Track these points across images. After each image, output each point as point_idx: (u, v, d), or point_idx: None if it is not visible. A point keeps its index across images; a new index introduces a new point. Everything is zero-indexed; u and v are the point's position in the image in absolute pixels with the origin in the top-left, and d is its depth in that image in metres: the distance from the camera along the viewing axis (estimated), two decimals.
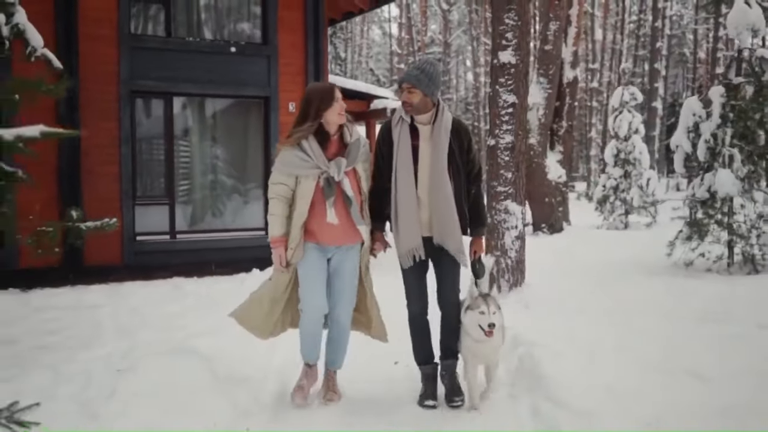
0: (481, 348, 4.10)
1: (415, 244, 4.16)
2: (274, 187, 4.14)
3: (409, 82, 4.08)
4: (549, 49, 13.73)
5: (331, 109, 4.07)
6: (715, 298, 7.23)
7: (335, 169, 4.07)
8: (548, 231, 14.29)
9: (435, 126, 4.13)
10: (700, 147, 9.55)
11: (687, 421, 3.65)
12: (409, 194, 4.11)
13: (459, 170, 4.16)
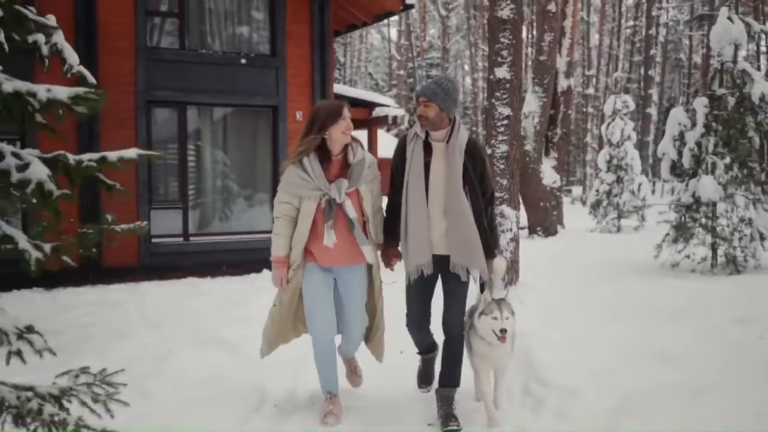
0: (492, 352, 4.05)
1: (423, 261, 4.07)
2: (280, 206, 4.11)
3: (425, 96, 4.03)
4: (544, 59, 14.30)
5: (336, 126, 4.01)
6: (695, 296, 7.76)
7: (336, 190, 4.00)
8: (543, 234, 14.82)
9: (449, 144, 4.04)
10: (685, 155, 10.13)
11: (654, 397, 4.21)
12: (420, 210, 4.04)
13: (475, 189, 4.06)
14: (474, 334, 4.11)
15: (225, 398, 4.26)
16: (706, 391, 4.32)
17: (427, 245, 4.06)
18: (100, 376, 2.60)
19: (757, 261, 9.78)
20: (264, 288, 8.00)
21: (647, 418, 3.88)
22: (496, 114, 7.41)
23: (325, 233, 3.99)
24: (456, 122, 4.13)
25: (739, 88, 9.83)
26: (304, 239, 4.05)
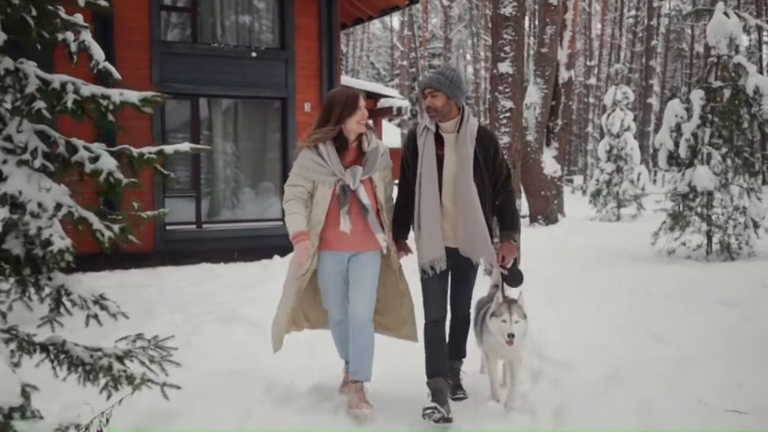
0: (502, 349, 4.02)
1: (437, 255, 4.04)
2: (292, 189, 4.08)
3: (431, 86, 4.00)
4: (545, 51, 14.63)
5: (353, 117, 4.00)
6: (688, 281, 8.14)
7: (350, 177, 4.01)
8: (544, 222, 15.19)
9: (460, 134, 4.01)
10: (681, 145, 10.45)
11: (642, 368, 4.60)
12: (433, 204, 4.00)
13: (483, 180, 4.03)
14: (485, 328, 4.10)
15: (251, 370, 4.64)
16: (692, 363, 4.71)
17: (440, 241, 4.02)
18: (153, 341, 2.98)
19: (751, 248, 10.13)
20: (276, 273, 8.41)
21: (635, 385, 4.26)
22: (499, 107, 7.77)
23: (341, 219, 4.00)
24: (465, 111, 4.08)
25: (734, 81, 10.15)
26: (320, 224, 4.04)
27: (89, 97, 2.54)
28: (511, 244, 4.11)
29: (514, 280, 4.15)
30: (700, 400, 4.03)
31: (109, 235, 2.78)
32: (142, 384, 2.71)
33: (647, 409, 3.89)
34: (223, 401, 4.05)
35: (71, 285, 2.66)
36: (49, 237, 2.48)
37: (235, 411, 3.92)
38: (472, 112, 42.23)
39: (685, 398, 4.07)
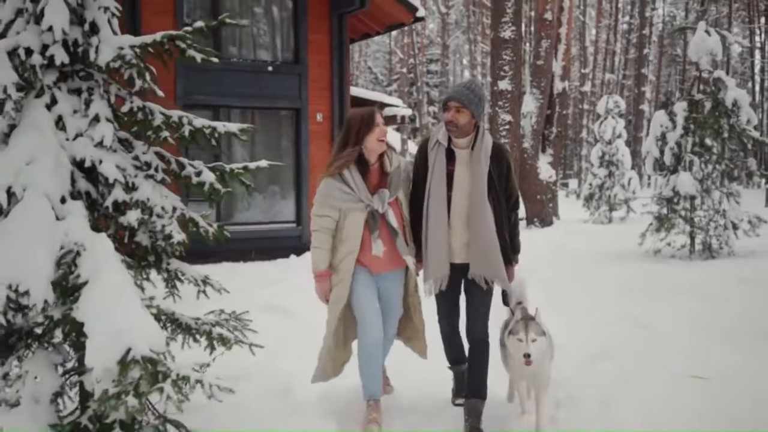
0: (525, 369, 3.82)
1: (441, 274, 4.00)
2: (319, 220, 4.05)
3: (460, 101, 3.84)
4: (541, 64, 15.47)
5: (372, 134, 3.97)
6: (672, 278, 8.97)
7: (379, 202, 3.98)
8: (540, 225, 16.02)
9: (474, 151, 3.91)
10: (666, 153, 11.32)
11: (624, 348, 5.45)
12: (440, 222, 3.94)
13: (499, 197, 3.95)
14: (506, 349, 4.02)
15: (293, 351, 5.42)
16: (666, 343, 5.57)
17: (445, 259, 3.98)
18: (233, 315, 3.82)
19: (730, 248, 10.98)
20: (294, 270, 9.22)
21: (617, 360, 5.11)
22: (499, 120, 8.63)
23: (373, 244, 4.00)
24: (481, 128, 3.98)
25: (714, 95, 11.02)
26: (356, 250, 4.03)
27: (200, 128, 3.37)
28: (512, 267, 4.15)
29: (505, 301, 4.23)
30: (670, 369, 4.87)
31: (212, 231, 3.61)
32: (235, 344, 3.54)
33: (626, 378, 4.73)
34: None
35: (184, 268, 3.51)
36: (170, 232, 3.31)
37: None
38: None
39: (658, 368, 4.92)
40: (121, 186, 3.20)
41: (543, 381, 3.93)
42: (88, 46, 3.21)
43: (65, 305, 2.99)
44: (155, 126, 3.29)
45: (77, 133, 3.18)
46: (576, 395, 4.43)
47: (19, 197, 2.97)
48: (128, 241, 3.32)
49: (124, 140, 3.37)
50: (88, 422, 3.20)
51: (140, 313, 2.88)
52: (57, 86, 3.21)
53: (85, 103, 3.24)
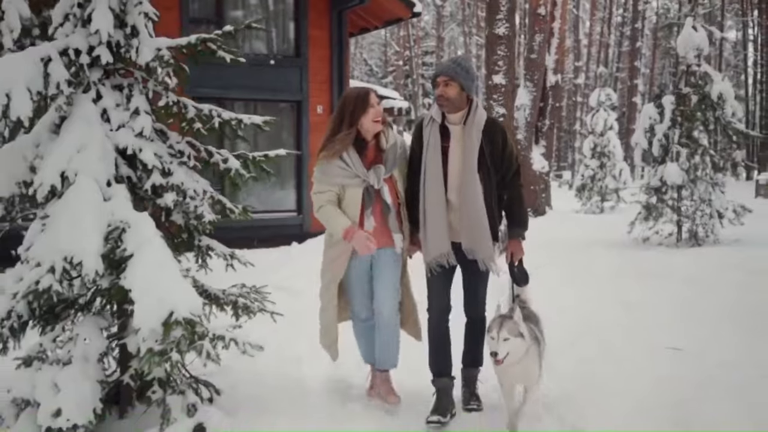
0: (510, 369, 3.69)
1: (444, 250, 3.93)
2: (321, 196, 4.05)
3: (447, 74, 3.85)
4: (534, 57, 15.93)
5: (366, 115, 3.96)
6: (658, 263, 9.42)
7: (374, 177, 3.99)
8: (533, 214, 16.45)
9: (466, 126, 3.88)
10: (654, 144, 11.75)
11: (607, 324, 5.90)
12: (438, 198, 3.91)
13: (489, 173, 3.88)
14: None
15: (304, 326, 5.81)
16: (647, 320, 6.03)
17: (446, 235, 3.92)
18: (254, 288, 4.24)
19: (716, 236, 11.42)
20: (298, 257, 9.64)
21: (600, 334, 5.56)
22: (493, 112, 9.06)
23: (366, 219, 4.02)
24: (474, 102, 3.95)
25: (700, 88, 11.46)
26: (355, 226, 4.00)
27: (228, 120, 3.79)
28: (519, 242, 4.05)
29: (522, 280, 4.07)
30: (649, 342, 5.32)
31: (238, 211, 4.04)
32: (259, 312, 3.97)
33: (606, 348, 5.19)
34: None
35: (213, 245, 3.94)
36: (201, 212, 3.74)
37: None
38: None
39: (638, 341, 5.37)
40: (159, 171, 3.62)
41: (529, 381, 3.79)
42: (129, 47, 3.62)
43: (112, 276, 3.41)
44: (188, 118, 3.71)
45: (120, 124, 3.60)
46: (559, 365, 4.84)
47: (72, 181, 3.38)
48: (165, 221, 3.73)
49: (160, 131, 3.78)
50: (130, 380, 3.63)
51: (180, 282, 3.30)
52: (102, 83, 3.63)
53: (126, 97, 3.65)
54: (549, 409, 3.99)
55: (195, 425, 3.43)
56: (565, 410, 3.94)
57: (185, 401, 3.53)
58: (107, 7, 3.52)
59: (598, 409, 3.93)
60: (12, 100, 3.28)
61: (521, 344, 3.61)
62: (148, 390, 3.61)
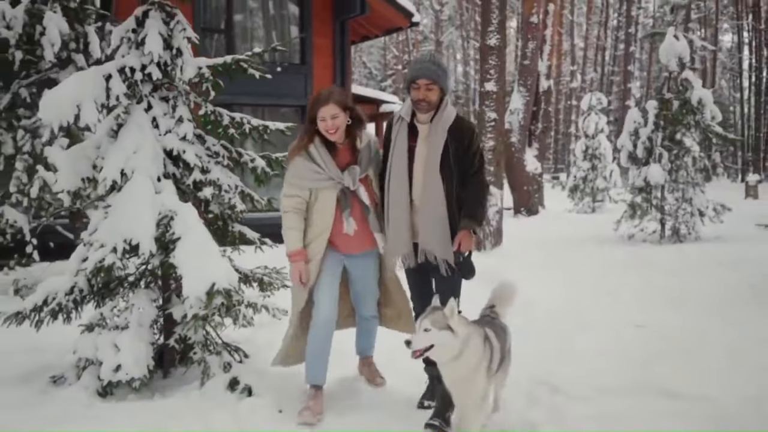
0: (444, 371, 3.50)
1: (403, 251, 3.92)
2: (289, 200, 3.99)
3: (430, 78, 3.76)
4: (527, 63, 16.67)
5: (318, 118, 3.88)
6: (640, 258, 10.14)
7: (349, 179, 3.91)
8: (526, 214, 17.20)
9: (433, 124, 3.83)
10: (639, 147, 12.49)
11: (586, 306, 6.63)
12: (401, 199, 3.85)
13: (452, 173, 3.80)
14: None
15: None
16: (621, 305, 6.75)
17: (408, 236, 3.88)
18: (274, 269, 4.97)
19: (697, 233, 12.14)
20: None
21: (577, 313, 6.29)
22: (486, 117, 9.81)
23: (345, 222, 3.94)
24: (444, 101, 3.90)
25: (681, 94, 12.20)
26: (328, 231, 3.96)
27: (256, 126, 4.53)
28: (470, 234, 3.80)
29: (468, 272, 3.84)
30: (620, 320, 6.05)
31: (264, 203, 4.78)
32: (281, 287, 4.71)
33: (582, 324, 5.92)
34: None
35: (245, 230, 4.69)
36: (234, 203, 4.48)
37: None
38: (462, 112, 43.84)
39: (611, 320, 6.09)
40: (199, 169, 4.35)
41: (468, 399, 3.48)
42: (174, 66, 4.34)
43: (162, 255, 4.14)
44: (224, 125, 4.44)
45: (167, 130, 4.32)
46: (540, 340, 5.56)
47: (129, 177, 4.11)
48: (204, 211, 4.46)
49: (199, 135, 4.52)
50: (175, 343, 4.35)
51: (219, 260, 4.03)
52: (152, 95, 4.36)
53: (171, 107, 4.38)
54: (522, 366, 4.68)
55: (230, 379, 4.15)
56: (538, 368, 4.63)
57: (221, 360, 4.26)
58: (157, 33, 4.25)
59: (568, 368, 4.65)
60: (82, 110, 4.01)
61: (449, 339, 3.32)
62: (189, 352, 4.34)
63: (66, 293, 4.31)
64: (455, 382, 3.49)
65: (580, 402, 4.07)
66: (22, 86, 7.34)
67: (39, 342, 4.92)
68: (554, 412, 3.95)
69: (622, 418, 3.79)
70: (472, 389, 3.45)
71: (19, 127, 7.25)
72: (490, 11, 9.67)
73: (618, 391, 4.19)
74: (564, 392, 4.24)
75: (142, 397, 4.19)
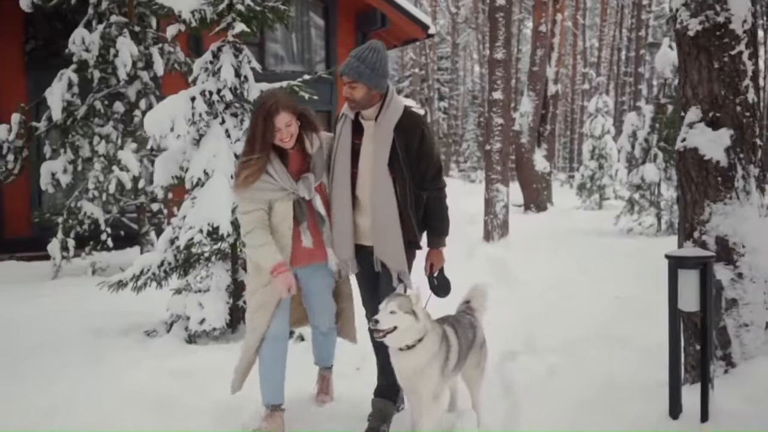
0: (400, 361, 3.44)
1: (345, 256, 3.70)
2: (249, 217, 3.64)
3: (349, 76, 3.51)
4: (536, 69, 17.87)
5: (275, 137, 3.57)
6: (635, 248, 11.23)
7: (304, 188, 3.67)
8: (535, 210, 18.33)
9: (377, 122, 3.58)
10: (636, 148, 13.66)
11: (573, 285, 7.80)
12: (343, 200, 3.65)
13: (403, 172, 3.57)
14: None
15: None
16: (605, 282, 7.92)
17: (349, 241, 3.68)
18: None
19: None
20: None
21: (563, 290, 7.48)
22: (493, 123, 11.05)
23: (303, 236, 3.70)
24: (387, 96, 3.62)
25: (676, 98, 13.32)
26: (290, 245, 3.71)
27: None
28: (440, 252, 3.77)
29: (442, 290, 3.79)
30: (601, 293, 7.23)
31: None
32: None
33: (566, 296, 7.12)
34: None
35: None
36: None
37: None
38: (479, 112, 44.81)
39: (593, 293, 7.28)
40: None
41: (423, 388, 3.43)
42: (243, 89, 5.62)
43: (235, 235, 5.41)
44: None
45: (236, 139, 5.60)
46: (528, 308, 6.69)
47: (210, 175, 5.38)
48: None
49: None
50: (243, 304, 5.62)
51: None
52: (225, 112, 5.63)
53: (240, 121, 5.65)
54: (516, 330, 5.89)
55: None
56: (523, 328, 5.85)
57: None
58: (230, 64, 5.53)
59: (546, 326, 5.87)
60: (175, 124, 5.30)
61: (412, 324, 3.33)
62: None
63: (158, 265, 5.61)
64: (408, 376, 3.45)
65: (550, 349, 5.26)
66: (96, 99, 8.65)
67: (126, 307, 6.26)
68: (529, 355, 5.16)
69: (581, 356, 5.00)
70: (424, 384, 3.40)
71: (94, 134, 8.57)
72: (497, 28, 10.91)
73: (583, 340, 5.40)
74: (540, 343, 5.46)
75: (218, 344, 5.48)
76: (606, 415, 3.71)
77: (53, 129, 8.70)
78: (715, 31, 3.72)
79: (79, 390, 4.35)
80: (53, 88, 8.45)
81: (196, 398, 4.22)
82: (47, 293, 7.48)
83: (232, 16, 5.63)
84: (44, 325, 6.12)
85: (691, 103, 3.88)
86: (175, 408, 4.09)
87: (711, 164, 3.79)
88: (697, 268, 3.45)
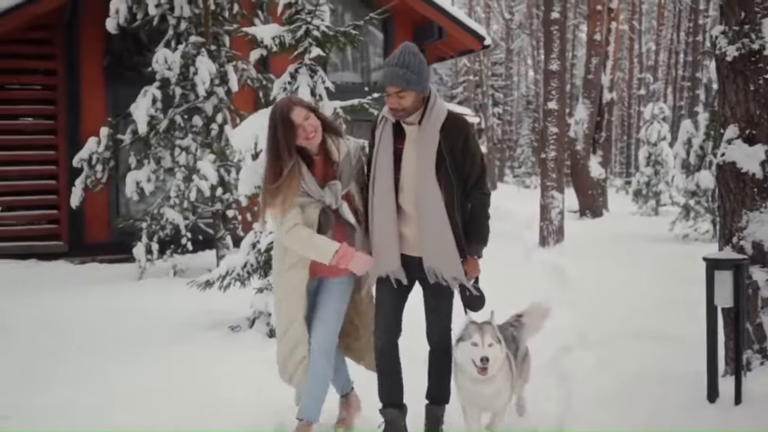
0: (481, 390, 3.39)
1: (391, 268, 3.52)
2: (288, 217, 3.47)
3: (398, 85, 3.39)
4: (591, 77, 18.14)
5: (298, 138, 3.46)
6: (688, 254, 11.22)
7: (331, 197, 3.54)
8: (591, 216, 18.56)
9: (422, 125, 3.48)
10: (691, 155, 13.84)
11: (617, 283, 8.18)
12: (387, 207, 3.49)
13: (450, 177, 3.45)
14: (455, 366, 3.49)
15: None
16: (651, 282, 8.26)
17: (395, 250, 3.51)
18: None
19: None
20: None
21: (613, 291, 7.83)
22: (549, 132, 11.46)
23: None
24: (430, 98, 3.51)
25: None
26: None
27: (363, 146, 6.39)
28: (475, 261, 3.59)
29: (476, 303, 3.60)
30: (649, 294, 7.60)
31: None
32: None
33: (616, 297, 7.49)
34: None
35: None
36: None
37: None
38: (533, 118, 44.72)
39: (643, 294, 7.62)
40: None
41: (498, 405, 3.49)
42: (318, 107, 6.18)
43: None
44: None
45: None
46: (575, 308, 7.02)
47: None
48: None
49: None
50: None
51: None
52: None
53: None
54: (570, 327, 6.30)
55: None
56: (579, 328, 6.27)
57: None
58: (306, 84, 6.12)
59: (599, 327, 6.29)
60: (258, 139, 5.90)
61: (500, 352, 3.33)
62: None
63: (241, 267, 6.22)
64: (485, 398, 3.43)
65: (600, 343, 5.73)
66: (176, 113, 9.37)
67: (210, 305, 6.88)
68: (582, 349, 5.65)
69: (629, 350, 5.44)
70: (501, 403, 3.50)
71: (175, 146, 9.28)
72: (552, 41, 11.35)
73: (631, 336, 5.87)
74: (591, 338, 5.94)
75: None
76: (651, 400, 4.18)
77: (137, 141, 9.45)
78: (751, 57, 4.14)
79: (181, 372, 5.04)
80: (138, 103, 9.18)
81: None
82: (137, 291, 8.20)
83: (309, 41, 6.18)
84: (141, 319, 6.79)
85: (730, 122, 4.29)
86: (265, 391, 4.65)
87: (748, 176, 4.19)
88: (731, 269, 3.86)
